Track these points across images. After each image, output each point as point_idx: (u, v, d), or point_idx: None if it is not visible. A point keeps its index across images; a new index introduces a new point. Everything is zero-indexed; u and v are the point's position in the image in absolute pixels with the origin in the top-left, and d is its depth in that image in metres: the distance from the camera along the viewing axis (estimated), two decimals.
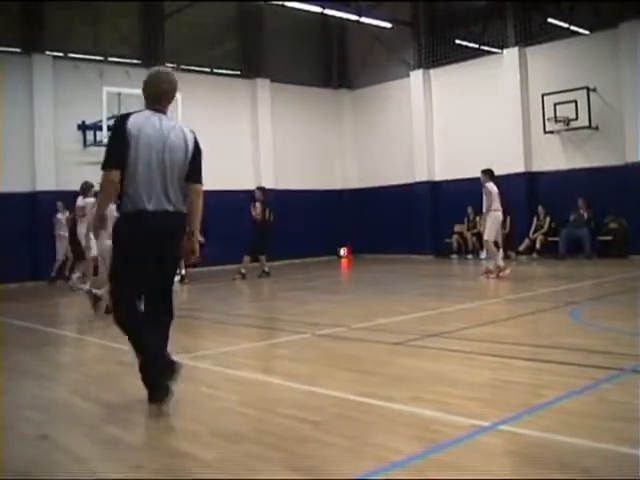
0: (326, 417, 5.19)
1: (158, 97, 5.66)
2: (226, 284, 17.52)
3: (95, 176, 21.99)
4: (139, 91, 5.90)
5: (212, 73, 24.12)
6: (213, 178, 21.42)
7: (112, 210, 9.01)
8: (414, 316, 10.30)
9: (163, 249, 5.60)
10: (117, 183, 5.40)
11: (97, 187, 8.10)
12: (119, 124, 5.46)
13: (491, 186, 15.43)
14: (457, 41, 23.74)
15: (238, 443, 4.70)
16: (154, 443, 4.93)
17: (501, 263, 15.50)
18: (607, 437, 4.41)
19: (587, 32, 20.56)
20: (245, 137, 24.42)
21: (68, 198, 17.99)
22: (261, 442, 4.69)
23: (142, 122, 5.47)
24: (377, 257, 24.15)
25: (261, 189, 18.63)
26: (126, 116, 5.52)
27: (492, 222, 15.45)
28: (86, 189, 14.35)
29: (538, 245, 20.70)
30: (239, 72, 24.76)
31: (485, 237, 15.61)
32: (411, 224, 24.30)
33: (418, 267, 20.28)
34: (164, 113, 5.68)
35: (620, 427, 4.63)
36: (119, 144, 5.38)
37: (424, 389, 5.88)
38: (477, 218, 21.79)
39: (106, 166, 5.40)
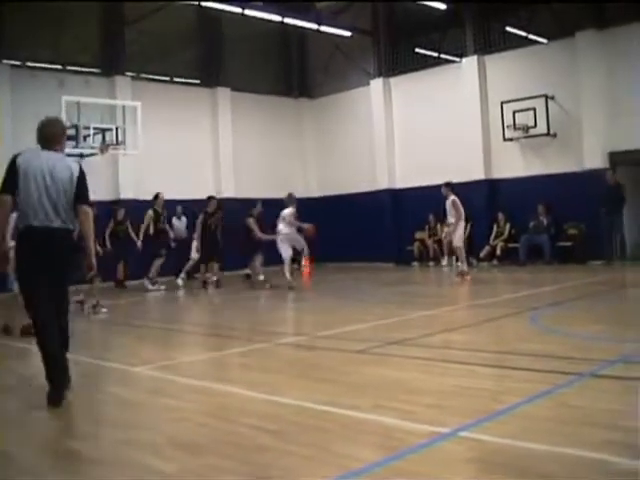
0: (287, 426, 5.16)
1: (50, 139, 6.62)
2: (186, 293, 17.45)
3: None
4: (99, 100, 6.26)
5: (172, 82, 23.98)
6: (173, 187, 21.43)
7: None
8: (376, 323, 10.31)
9: (49, 260, 6.35)
10: (9, 204, 6.32)
11: None
12: (11, 160, 6.39)
13: (455, 198, 16.02)
14: (417, 50, 23.90)
15: (198, 454, 4.66)
16: (114, 456, 4.84)
17: (465, 268, 16.22)
18: (567, 442, 4.43)
19: (545, 41, 20.80)
20: (205, 146, 24.31)
21: None
22: (221, 453, 4.66)
23: (30, 157, 6.45)
24: (339, 265, 24.13)
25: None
26: (18, 154, 6.47)
27: (462, 230, 16.63)
28: (289, 201, 17.65)
29: (498, 252, 20.84)
30: (199, 81, 24.66)
31: (457, 244, 16.46)
32: (373, 232, 24.31)
33: (380, 275, 20.30)
34: (55, 151, 6.61)
35: (579, 431, 4.66)
36: (9, 175, 6.31)
37: (386, 397, 5.88)
38: (438, 226, 21.93)
39: (1, 191, 6.30)
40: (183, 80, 24.31)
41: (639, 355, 7.11)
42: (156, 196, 18.46)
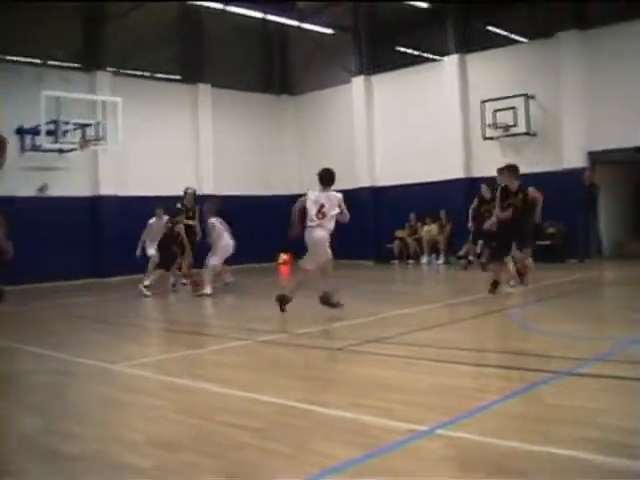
0: (265, 424, 5.15)
1: None
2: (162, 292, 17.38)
3: (32, 181, 21.22)
4: (78, 95, 6.11)
5: (153, 78, 23.86)
6: (152, 184, 21.37)
7: None
8: (355, 322, 10.31)
9: None
10: None
11: None
12: None
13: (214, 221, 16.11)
14: (398, 48, 23.92)
15: (175, 452, 4.65)
16: (92, 454, 4.81)
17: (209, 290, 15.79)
18: (543, 439, 4.44)
19: (526, 40, 20.89)
20: (186, 142, 24.21)
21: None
22: (199, 450, 4.64)
23: None
24: None
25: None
26: None
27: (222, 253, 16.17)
28: None
29: (478, 249, 20.83)
30: (180, 77, 24.57)
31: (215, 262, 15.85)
32: (353, 229, 24.15)
33: (359, 272, 20.30)
34: None
35: (556, 429, 4.69)
36: None
37: (363, 394, 5.89)
38: (419, 224, 22.00)
39: None
40: (164, 76, 24.21)
41: (615, 353, 7.16)
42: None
